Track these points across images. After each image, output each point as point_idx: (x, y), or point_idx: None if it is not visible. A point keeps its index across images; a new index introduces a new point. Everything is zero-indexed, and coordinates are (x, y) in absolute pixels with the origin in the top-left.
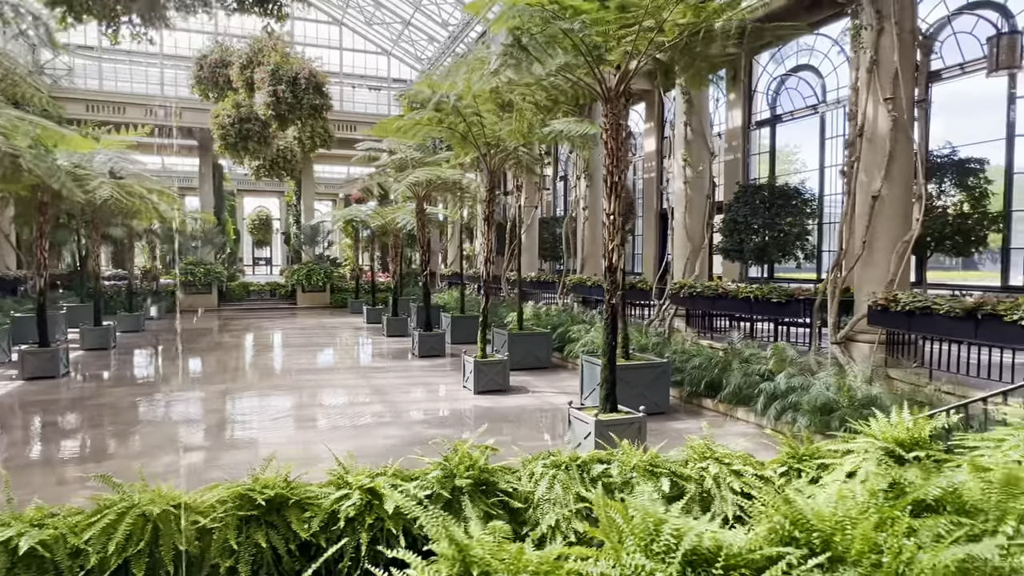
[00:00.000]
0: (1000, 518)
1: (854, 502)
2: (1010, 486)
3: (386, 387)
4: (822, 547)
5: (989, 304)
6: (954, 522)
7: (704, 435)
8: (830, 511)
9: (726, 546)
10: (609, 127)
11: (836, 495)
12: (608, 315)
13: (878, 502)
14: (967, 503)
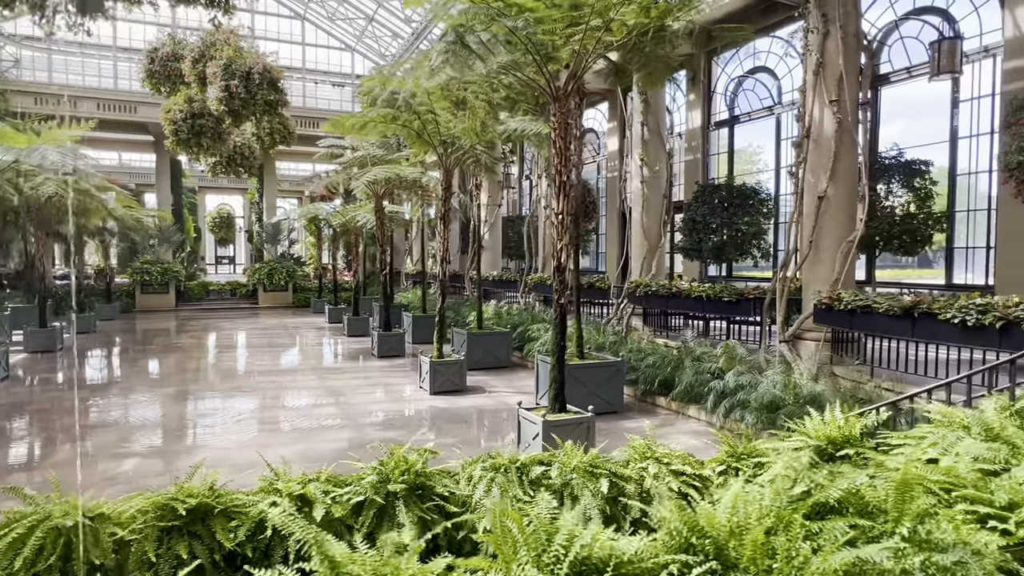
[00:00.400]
0: (898, 519)
1: (758, 506)
2: (906, 487)
3: (341, 388)
4: (715, 554)
5: (925, 303)
6: (854, 524)
7: (647, 435)
8: (725, 517)
9: (618, 554)
10: (557, 126)
11: (732, 500)
12: (557, 315)
13: (781, 505)
14: (869, 504)
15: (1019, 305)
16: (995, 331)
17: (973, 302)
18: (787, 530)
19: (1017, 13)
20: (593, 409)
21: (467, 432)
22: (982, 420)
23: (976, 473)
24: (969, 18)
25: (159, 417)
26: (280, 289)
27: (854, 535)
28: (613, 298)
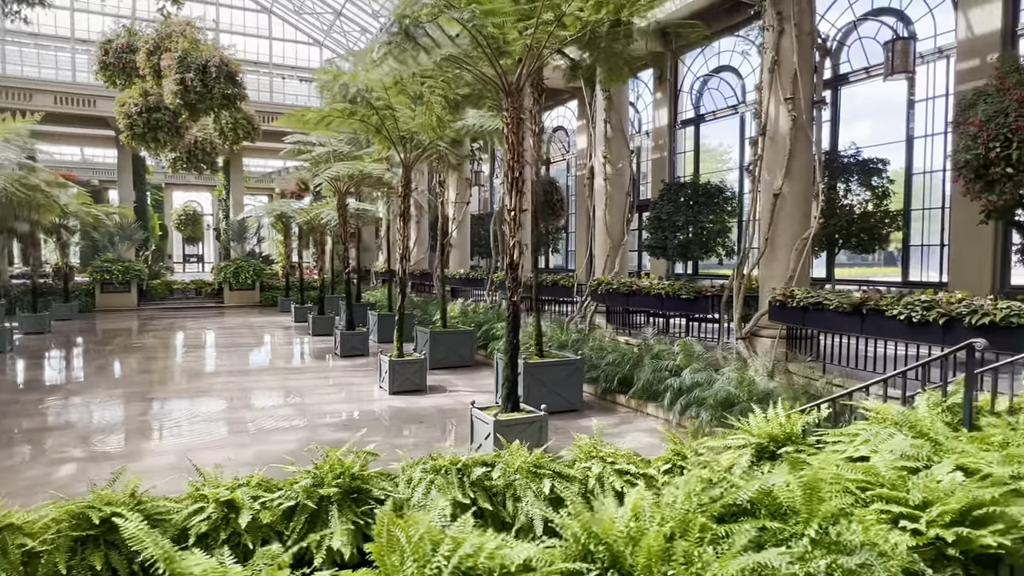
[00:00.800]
0: (807, 520)
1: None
2: (814, 488)
3: (299, 388)
4: (611, 562)
5: (873, 300)
6: (764, 527)
7: (594, 434)
8: (623, 523)
9: (507, 563)
10: (510, 121)
11: (633, 505)
12: (510, 313)
13: (690, 508)
14: (782, 505)
15: (961, 302)
16: (939, 327)
17: (918, 299)
18: (686, 535)
19: (970, 15)
20: (546, 408)
21: (423, 432)
22: (907, 417)
23: (897, 471)
24: (925, 20)
25: (105, 420)
26: (247, 288)
27: (763, 538)
28: (577, 296)
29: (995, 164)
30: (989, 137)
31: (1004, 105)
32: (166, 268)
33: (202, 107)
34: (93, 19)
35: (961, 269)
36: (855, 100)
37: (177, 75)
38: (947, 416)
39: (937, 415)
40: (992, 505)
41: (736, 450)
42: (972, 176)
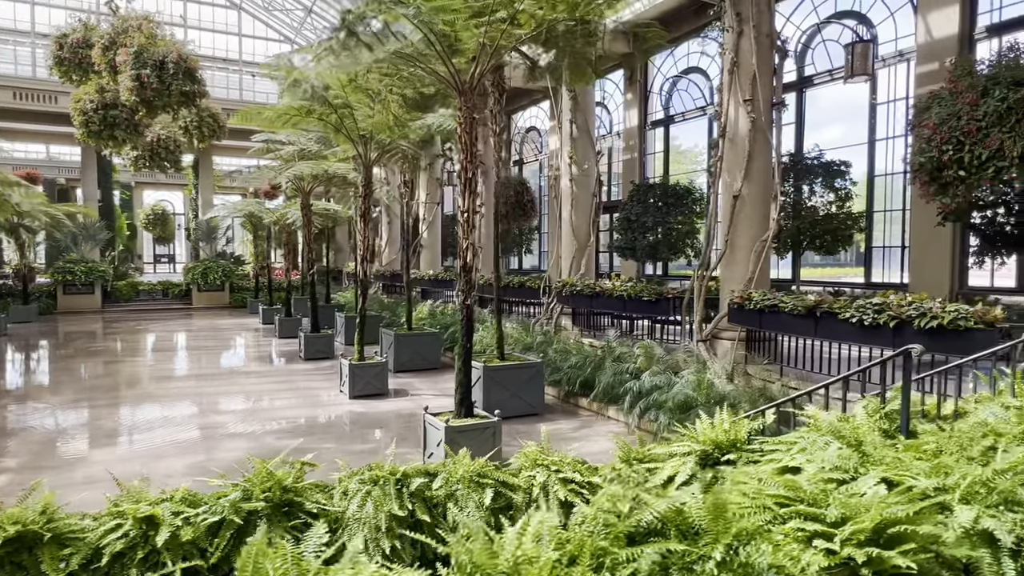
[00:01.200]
0: (714, 542)
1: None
2: (719, 508)
3: (257, 393)
4: None
5: (826, 303)
6: (668, 549)
7: (541, 440)
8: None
9: None
10: (463, 121)
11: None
12: (463, 317)
13: (593, 530)
14: (693, 525)
15: (911, 305)
16: (889, 330)
17: (870, 302)
18: (579, 561)
19: (928, 19)
20: (500, 413)
21: (378, 438)
22: (842, 425)
23: (823, 484)
24: (886, 23)
25: (48, 428)
26: (216, 289)
27: (668, 561)
28: (544, 297)
29: (948, 167)
30: (942, 140)
31: (956, 108)
32: (135, 269)
33: (159, 104)
34: (55, 13)
35: (921, 271)
36: (823, 103)
37: (132, 71)
38: (885, 423)
39: (875, 422)
40: (906, 523)
41: (681, 457)
42: (927, 179)
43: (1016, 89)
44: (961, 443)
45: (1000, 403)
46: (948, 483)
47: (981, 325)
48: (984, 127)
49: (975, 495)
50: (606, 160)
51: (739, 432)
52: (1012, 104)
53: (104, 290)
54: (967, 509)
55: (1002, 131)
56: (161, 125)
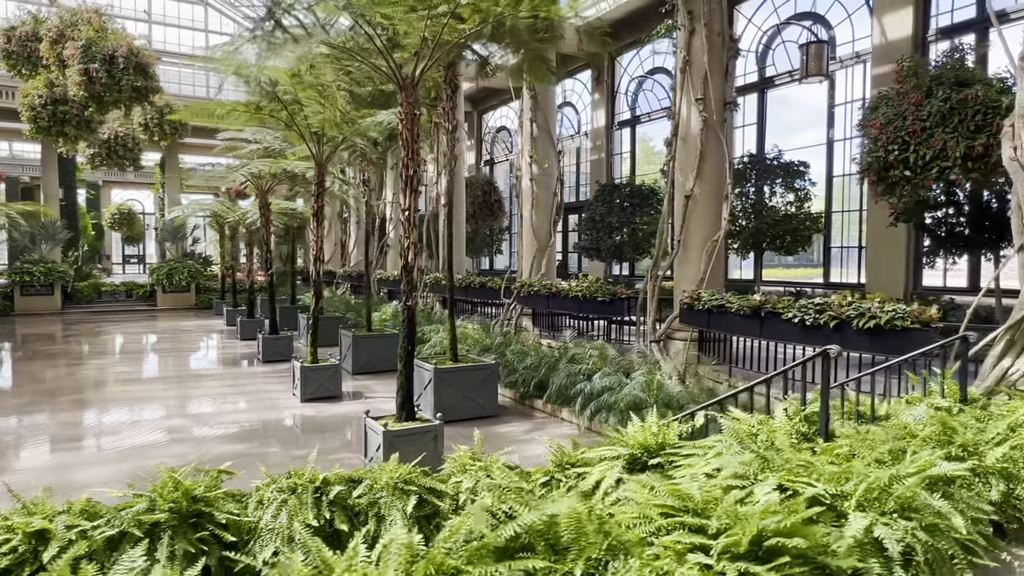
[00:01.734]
0: (575, 559)
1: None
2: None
3: (208, 397)
4: None
5: (770, 303)
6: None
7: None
8: (343, 567)
9: None
10: (404, 117)
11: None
12: (405, 317)
13: (452, 548)
14: (562, 539)
15: (851, 304)
16: (830, 330)
17: (812, 302)
18: None
19: (884, 20)
20: (442, 417)
21: (324, 443)
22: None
23: (718, 492)
24: (844, 25)
25: None
26: (182, 290)
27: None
28: (505, 298)
29: (894, 167)
30: (888, 140)
31: (902, 108)
32: (103, 269)
33: (110, 100)
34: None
35: (877, 271)
36: (787, 104)
37: (80, 65)
38: (804, 425)
39: (795, 424)
40: (791, 533)
41: (609, 461)
42: (875, 179)
43: (959, 90)
44: (874, 446)
45: (929, 403)
46: (846, 489)
47: (917, 325)
48: (928, 127)
49: (872, 502)
50: (574, 160)
51: (668, 435)
52: (955, 105)
53: (64, 291)
54: (861, 517)
55: (945, 131)
56: (120, 122)
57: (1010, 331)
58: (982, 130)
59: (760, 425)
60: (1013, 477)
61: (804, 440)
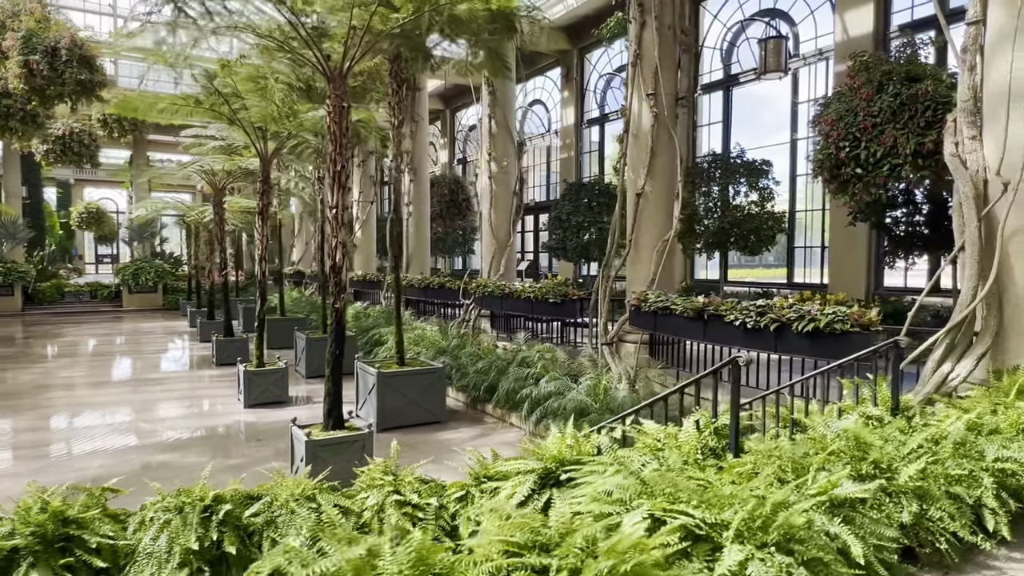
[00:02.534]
0: None
1: None
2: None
3: (149, 402)
4: None
5: (713, 305)
6: None
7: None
8: None
9: None
10: (332, 110)
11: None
12: (333, 320)
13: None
14: None
15: (791, 307)
16: (771, 333)
17: (754, 304)
18: None
19: (845, 17)
20: (373, 425)
21: (258, 452)
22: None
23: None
24: (807, 22)
25: None
26: (148, 291)
27: None
28: (463, 299)
29: (846, 164)
30: (839, 137)
31: (854, 104)
32: (73, 269)
33: (53, 93)
34: None
35: (839, 271)
36: (767, 103)
37: (20, 56)
38: (714, 439)
39: (705, 437)
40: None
41: (523, 475)
42: (828, 176)
43: (909, 85)
44: (782, 464)
45: (860, 412)
46: (725, 517)
47: (857, 328)
48: (879, 123)
49: (754, 532)
50: (544, 159)
51: (584, 447)
52: (905, 100)
53: (25, 292)
54: (737, 550)
55: (896, 128)
56: (76, 118)
57: (950, 334)
58: (932, 126)
59: (667, 439)
60: (927, 496)
61: (712, 456)
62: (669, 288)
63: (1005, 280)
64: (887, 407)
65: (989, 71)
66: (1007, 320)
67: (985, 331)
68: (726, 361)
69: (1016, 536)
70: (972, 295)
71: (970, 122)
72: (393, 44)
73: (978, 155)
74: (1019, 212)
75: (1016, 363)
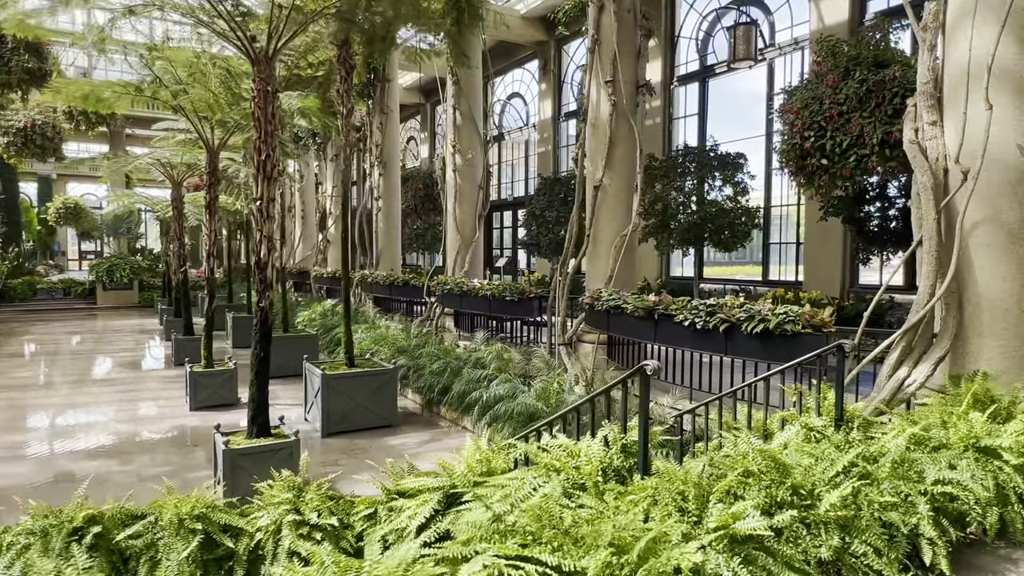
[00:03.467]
0: None
1: None
2: None
3: (91, 405)
4: None
5: (664, 304)
6: None
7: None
8: None
9: None
10: (256, 94)
11: None
12: (259, 320)
13: None
14: None
15: (742, 306)
16: (721, 335)
17: (704, 303)
18: None
19: (821, 5)
20: (300, 432)
21: (191, 459)
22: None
23: (427, 567)
24: (783, 10)
25: None
26: (123, 287)
27: None
28: (427, 297)
29: (811, 155)
30: (804, 126)
31: (819, 91)
32: (54, 266)
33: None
34: None
35: (814, 267)
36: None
37: None
38: (621, 458)
39: (612, 454)
40: None
41: (430, 493)
42: (794, 169)
43: (877, 71)
44: (684, 489)
45: (803, 423)
46: (582, 565)
47: (809, 329)
48: (845, 112)
49: None
50: (522, 153)
51: (497, 462)
52: (872, 87)
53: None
54: None
55: (862, 116)
56: (39, 109)
57: (906, 336)
58: (900, 114)
59: (565, 459)
60: (853, 527)
61: (617, 477)
62: (630, 286)
63: (965, 277)
64: (831, 417)
65: (950, 50)
66: (967, 320)
67: (944, 333)
68: (633, 370)
69: (957, 569)
70: (929, 293)
71: (930, 106)
72: (340, 28)
73: (938, 142)
74: (980, 203)
75: (976, 367)
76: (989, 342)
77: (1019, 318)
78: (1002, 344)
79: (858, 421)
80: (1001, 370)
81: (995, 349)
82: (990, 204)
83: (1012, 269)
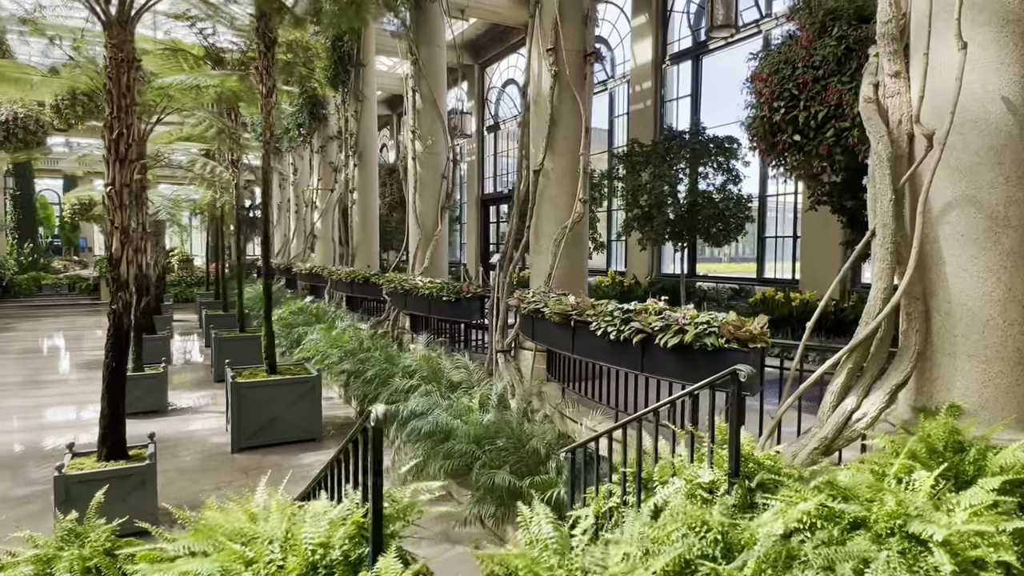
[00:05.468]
0: None
1: None
2: None
3: (23, 408)
4: None
5: (580, 309)
6: None
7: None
8: None
9: None
10: (109, 62)
11: None
12: (112, 326)
13: None
14: None
15: (660, 314)
16: (637, 348)
17: (620, 308)
18: None
19: None
20: (154, 455)
21: None
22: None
23: None
24: None
25: None
26: None
27: None
28: (384, 295)
29: (782, 130)
30: (772, 95)
31: (792, 53)
32: (78, 262)
33: None
34: None
35: (811, 264)
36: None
37: None
38: (353, 544)
39: (340, 538)
40: None
41: (197, 560)
42: (763, 147)
43: (858, 26)
44: None
45: (687, 478)
46: None
47: (735, 344)
48: (821, 77)
49: None
50: (504, 145)
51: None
52: (852, 45)
53: (1, 284)
54: None
55: (841, 81)
56: (21, 103)
57: (855, 353)
58: None
59: (256, 524)
60: None
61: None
62: (577, 286)
63: (933, 279)
64: (723, 470)
65: None
66: (935, 336)
67: (904, 352)
68: (361, 421)
69: None
70: (883, 300)
71: (892, 52)
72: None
73: (902, 99)
74: (952, 178)
75: (948, 398)
76: (964, 364)
77: (1005, 333)
78: (981, 368)
79: (760, 477)
80: (980, 403)
81: (972, 374)
82: (966, 179)
83: (995, 267)
